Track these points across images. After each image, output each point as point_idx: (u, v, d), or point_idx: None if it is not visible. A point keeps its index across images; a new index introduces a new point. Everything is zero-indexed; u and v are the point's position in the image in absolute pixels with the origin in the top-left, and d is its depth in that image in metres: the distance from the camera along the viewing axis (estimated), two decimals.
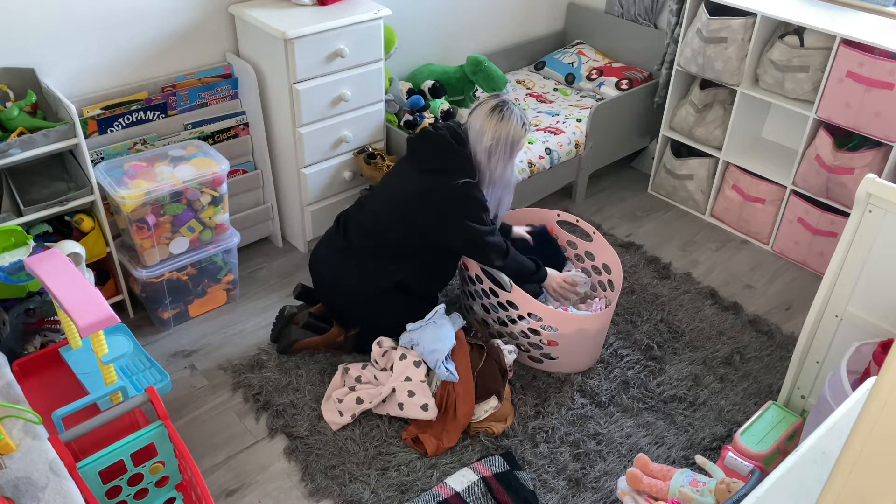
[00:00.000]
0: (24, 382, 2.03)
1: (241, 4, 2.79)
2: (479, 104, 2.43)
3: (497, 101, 2.39)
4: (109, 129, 2.59)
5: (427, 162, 2.42)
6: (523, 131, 2.39)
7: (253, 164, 3.01)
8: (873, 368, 2.02)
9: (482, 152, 2.38)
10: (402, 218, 2.43)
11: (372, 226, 2.48)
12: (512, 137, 2.37)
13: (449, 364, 2.36)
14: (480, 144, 2.38)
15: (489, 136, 2.36)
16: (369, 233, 2.49)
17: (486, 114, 2.37)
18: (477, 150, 2.39)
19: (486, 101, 2.41)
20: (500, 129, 2.35)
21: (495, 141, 2.36)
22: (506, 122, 2.36)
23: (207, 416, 2.42)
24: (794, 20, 2.88)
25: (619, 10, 3.82)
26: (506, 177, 2.47)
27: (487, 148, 2.37)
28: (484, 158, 2.39)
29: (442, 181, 2.37)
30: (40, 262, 1.97)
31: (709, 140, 3.39)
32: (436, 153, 2.41)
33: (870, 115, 2.77)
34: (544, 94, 3.75)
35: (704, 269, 3.22)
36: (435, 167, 2.40)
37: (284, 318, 2.64)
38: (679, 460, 2.31)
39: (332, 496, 2.17)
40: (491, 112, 2.37)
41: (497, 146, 2.37)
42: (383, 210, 2.49)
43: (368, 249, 2.48)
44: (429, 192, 2.38)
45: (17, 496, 1.52)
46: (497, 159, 2.39)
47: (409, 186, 2.42)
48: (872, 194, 1.93)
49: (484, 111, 2.38)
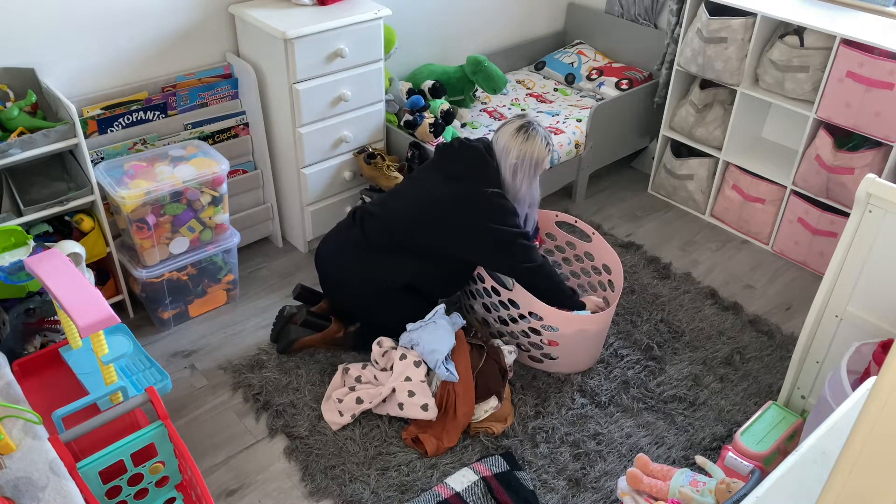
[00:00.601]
0: (24, 382, 2.04)
1: (241, 4, 2.79)
2: (505, 123, 2.50)
3: (523, 122, 2.47)
4: (109, 129, 2.59)
5: (457, 170, 2.46)
6: (547, 151, 2.47)
7: (253, 164, 3.01)
8: (873, 368, 2.02)
9: (507, 170, 2.45)
10: (428, 222, 2.45)
11: (393, 225, 2.49)
12: (536, 157, 2.45)
13: (449, 364, 2.36)
14: (506, 162, 2.45)
15: (514, 154, 2.43)
16: (388, 231, 2.49)
17: (511, 133, 2.45)
18: (503, 168, 2.46)
19: (512, 121, 2.48)
20: (525, 148, 2.43)
21: (520, 160, 2.43)
22: (531, 143, 2.43)
23: (207, 416, 2.42)
24: (794, 20, 2.88)
25: (619, 10, 3.82)
26: (531, 195, 2.54)
27: (512, 166, 2.44)
28: (509, 176, 2.46)
29: (473, 188, 2.42)
30: (40, 262, 1.97)
31: (709, 140, 3.39)
32: (468, 163, 2.46)
33: (870, 115, 2.77)
34: (544, 94, 3.75)
35: (704, 269, 3.22)
36: (465, 175, 2.44)
37: (284, 319, 2.64)
38: (679, 460, 2.31)
39: (332, 496, 2.17)
40: (517, 132, 2.44)
41: (521, 164, 2.44)
42: (408, 210, 2.49)
43: (385, 246, 2.49)
44: (462, 199, 2.42)
45: (17, 496, 1.52)
46: (521, 177, 2.46)
47: (437, 191, 2.45)
48: (872, 194, 1.93)
49: (510, 131, 2.45)
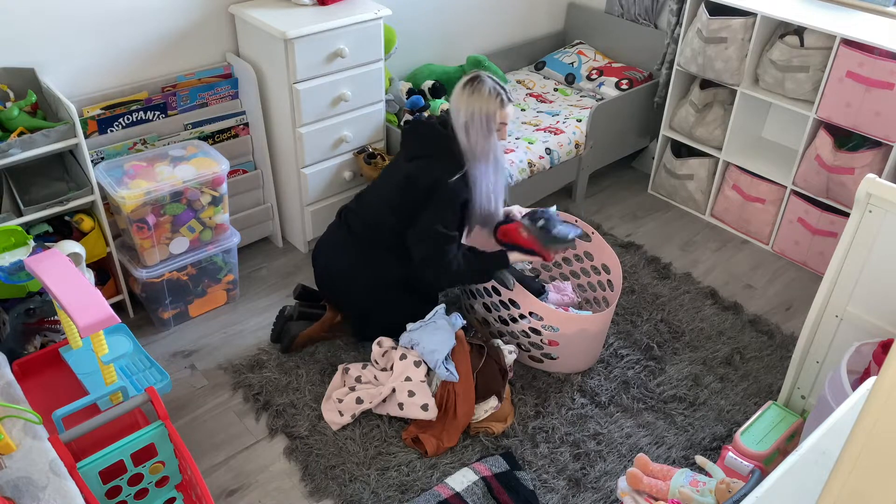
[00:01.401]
0: (24, 382, 2.03)
1: (241, 4, 2.79)
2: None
3: (469, 77, 2.35)
4: (109, 129, 2.59)
5: (415, 149, 2.43)
6: (498, 102, 2.31)
7: (253, 164, 3.01)
8: (873, 368, 2.02)
9: (461, 130, 2.34)
10: (392, 206, 2.44)
11: (369, 217, 2.49)
12: (486, 110, 2.31)
13: (449, 364, 2.36)
14: (458, 122, 2.34)
15: (463, 112, 2.32)
16: (368, 224, 2.50)
17: (458, 91, 2.35)
18: (457, 130, 2.35)
19: (461, 80, 2.38)
20: (472, 102, 2.31)
21: (469, 116, 2.32)
22: (477, 96, 2.30)
23: (207, 416, 2.42)
24: (794, 20, 2.88)
25: (619, 10, 3.82)
26: (489, 153, 2.38)
27: (464, 125, 2.33)
28: (463, 136, 2.34)
29: (426, 166, 2.36)
30: (40, 262, 1.97)
31: (709, 140, 3.39)
32: (422, 140, 2.42)
33: (870, 115, 2.77)
34: (544, 94, 3.75)
35: (704, 269, 3.22)
36: (422, 153, 2.40)
37: (284, 319, 2.64)
38: (679, 460, 2.31)
39: (332, 496, 2.17)
40: (463, 88, 2.33)
41: (472, 121, 2.32)
42: (378, 200, 2.50)
43: (368, 241, 2.49)
44: (412, 178, 2.38)
45: (17, 496, 1.52)
46: (475, 134, 2.33)
47: (398, 174, 2.43)
48: (872, 194, 1.93)
49: (457, 89, 2.36)
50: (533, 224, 2.46)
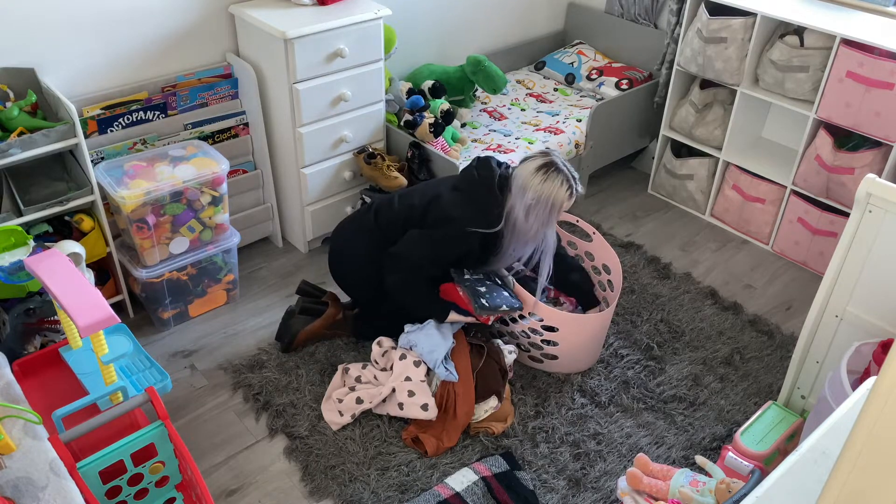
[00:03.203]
0: (24, 382, 2.04)
1: (241, 4, 2.79)
2: (528, 158, 2.37)
3: (545, 161, 2.33)
4: (109, 129, 2.59)
5: (463, 183, 2.43)
6: (568, 195, 2.33)
7: (253, 164, 3.01)
8: (873, 368, 2.02)
9: (522, 209, 2.33)
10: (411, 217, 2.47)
11: (401, 221, 2.49)
12: (553, 199, 2.31)
13: (448, 364, 2.36)
14: (522, 200, 2.33)
15: (531, 194, 2.31)
16: (392, 222, 2.50)
17: (531, 171, 2.32)
18: (516, 205, 2.34)
19: (535, 158, 2.35)
20: (544, 189, 2.30)
21: (535, 200, 2.31)
22: (549, 184, 2.30)
23: (207, 416, 2.42)
24: (794, 20, 2.88)
25: (619, 10, 3.82)
26: (544, 239, 2.43)
27: (527, 206, 2.32)
28: (522, 215, 2.34)
29: (458, 200, 2.38)
30: (40, 262, 1.97)
31: (709, 140, 3.39)
32: (474, 182, 2.40)
33: (870, 115, 2.77)
34: (544, 94, 3.75)
35: (704, 269, 3.22)
36: (465, 190, 2.41)
37: (288, 315, 2.66)
38: (679, 460, 2.31)
39: (332, 496, 2.17)
40: (537, 171, 2.32)
41: (537, 205, 2.32)
42: (407, 206, 2.50)
43: (388, 239, 2.49)
44: (440, 203, 2.41)
45: (17, 496, 1.52)
46: (534, 219, 2.34)
47: (433, 191, 2.46)
48: (872, 194, 1.93)
49: (530, 168, 2.33)
50: (467, 287, 2.45)
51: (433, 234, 2.40)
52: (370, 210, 2.58)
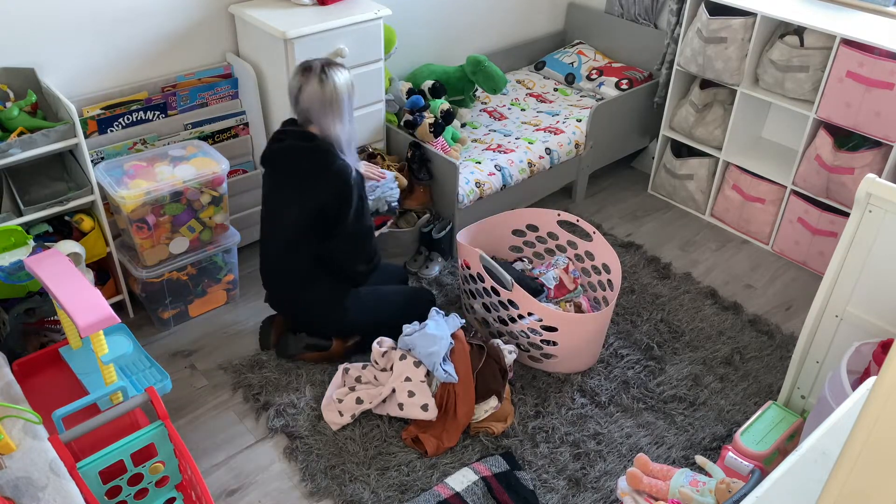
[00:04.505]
0: (24, 382, 2.03)
1: (241, 4, 2.79)
2: (294, 78, 2.30)
3: (303, 68, 2.29)
4: (109, 129, 2.59)
5: (296, 157, 2.39)
6: (348, 84, 2.33)
7: (253, 164, 3.01)
8: (873, 368, 2.02)
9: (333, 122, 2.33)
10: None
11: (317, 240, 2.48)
12: (339, 92, 2.30)
13: (447, 365, 2.36)
14: (321, 114, 2.31)
15: (332, 99, 2.29)
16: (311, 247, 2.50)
17: (313, 88, 2.27)
18: (320, 121, 2.32)
19: (295, 77, 2.29)
20: (333, 90, 2.28)
21: (322, 104, 2.29)
22: (329, 84, 2.27)
23: (207, 416, 2.42)
24: (794, 20, 2.88)
25: (619, 10, 3.82)
26: (350, 119, 2.41)
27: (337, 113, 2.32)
28: (338, 126, 2.34)
29: (317, 163, 2.36)
30: (40, 262, 1.97)
31: (709, 140, 3.39)
32: (299, 149, 2.37)
33: (870, 115, 2.77)
34: (544, 94, 3.75)
35: (704, 269, 3.22)
36: (304, 154, 2.37)
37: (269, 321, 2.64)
38: (679, 460, 2.31)
39: (332, 496, 2.17)
40: (308, 81, 2.26)
41: (327, 107, 2.30)
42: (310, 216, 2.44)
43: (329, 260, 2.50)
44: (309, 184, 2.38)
45: (17, 496, 1.52)
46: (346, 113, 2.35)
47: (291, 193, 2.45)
48: (872, 194, 1.93)
49: (305, 85, 2.27)
50: None
51: (354, 202, 2.34)
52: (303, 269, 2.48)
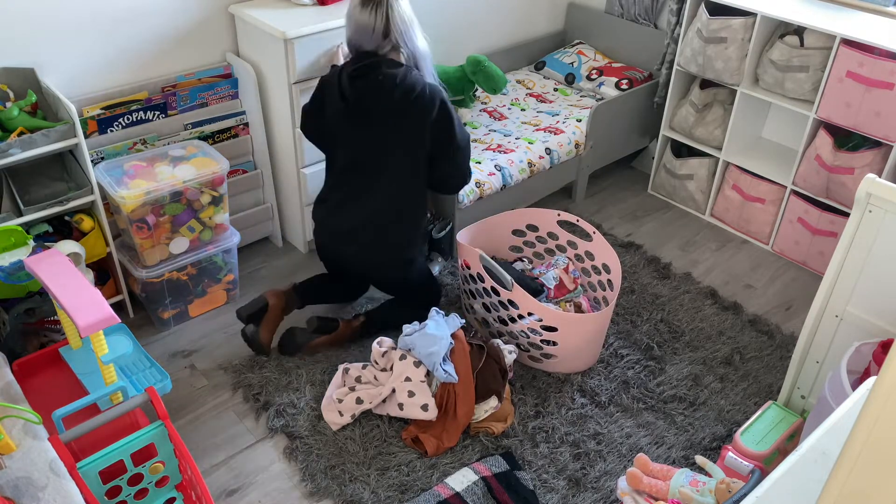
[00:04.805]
0: (24, 382, 2.03)
1: (241, 4, 2.79)
2: (370, 14, 2.32)
3: (372, 4, 2.31)
4: (109, 129, 2.59)
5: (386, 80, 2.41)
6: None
7: (253, 164, 3.01)
8: (873, 368, 2.02)
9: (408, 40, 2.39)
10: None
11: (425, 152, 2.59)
12: (409, 8, 2.38)
13: (447, 365, 2.36)
14: (406, 34, 2.37)
15: (410, 14, 2.38)
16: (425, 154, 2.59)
17: (398, 10, 2.33)
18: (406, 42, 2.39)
19: (372, 12, 2.32)
20: (399, 13, 2.34)
21: (404, 23, 2.35)
22: (398, 3, 2.34)
23: (207, 416, 2.42)
24: (794, 20, 2.88)
25: (619, 10, 3.82)
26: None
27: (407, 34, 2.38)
28: (421, 41, 2.43)
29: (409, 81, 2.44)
30: (40, 262, 1.97)
31: (709, 140, 3.39)
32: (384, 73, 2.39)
33: (870, 115, 2.77)
34: (544, 94, 3.75)
35: (704, 269, 3.22)
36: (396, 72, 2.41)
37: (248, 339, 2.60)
38: (679, 460, 2.31)
39: (332, 496, 2.17)
40: (391, 6, 2.32)
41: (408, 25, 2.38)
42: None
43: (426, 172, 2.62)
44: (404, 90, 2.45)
45: (17, 496, 1.52)
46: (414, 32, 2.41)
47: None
48: (872, 194, 1.93)
49: (391, 11, 2.32)
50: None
51: (455, 116, 2.52)
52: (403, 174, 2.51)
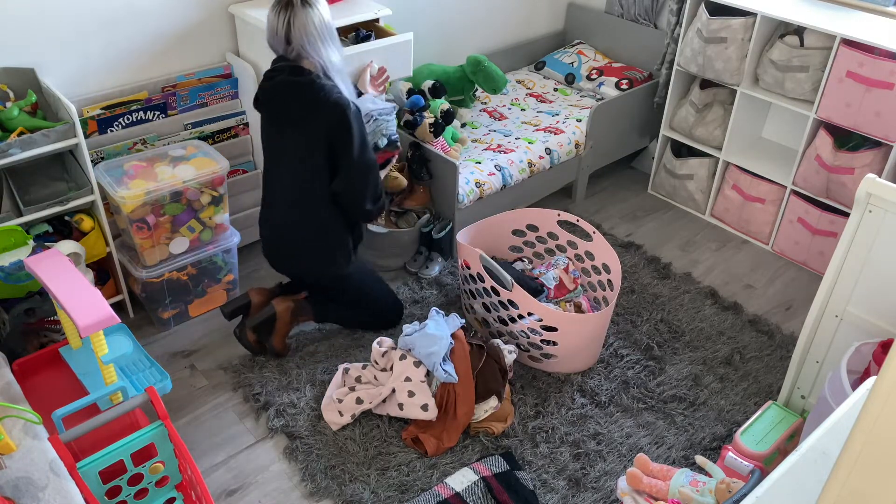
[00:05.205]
0: (24, 382, 2.04)
1: (241, 4, 2.79)
2: (277, 17, 2.25)
3: (282, 5, 2.24)
4: (109, 129, 2.59)
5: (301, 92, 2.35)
6: (327, 9, 2.31)
7: (253, 164, 3.01)
8: (873, 368, 2.02)
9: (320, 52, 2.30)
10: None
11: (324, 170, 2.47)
12: (325, 18, 2.29)
13: (447, 365, 2.36)
14: (311, 44, 2.27)
15: (324, 24, 2.27)
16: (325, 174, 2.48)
17: (305, 17, 2.23)
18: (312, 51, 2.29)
19: (279, 15, 2.25)
20: (321, 15, 2.27)
21: (308, 32, 2.25)
22: (316, 10, 2.26)
23: (207, 416, 2.42)
24: (794, 20, 2.88)
25: (619, 10, 3.82)
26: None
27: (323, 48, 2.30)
28: (334, 54, 2.33)
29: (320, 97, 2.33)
30: (40, 262, 1.97)
31: (709, 140, 3.39)
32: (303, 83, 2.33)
33: (870, 115, 2.77)
34: (544, 94, 3.75)
35: (704, 269, 3.22)
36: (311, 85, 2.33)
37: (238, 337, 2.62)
38: (679, 460, 2.31)
39: (332, 496, 2.17)
40: (296, 14, 2.23)
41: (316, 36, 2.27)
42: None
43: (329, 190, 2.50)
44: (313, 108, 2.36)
45: (17, 496, 1.52)
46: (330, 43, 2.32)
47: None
48: (872, 194, 1.93)
49: (294, 18, 2.23)
50: None
51: (356, 132, 2.33)
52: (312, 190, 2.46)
